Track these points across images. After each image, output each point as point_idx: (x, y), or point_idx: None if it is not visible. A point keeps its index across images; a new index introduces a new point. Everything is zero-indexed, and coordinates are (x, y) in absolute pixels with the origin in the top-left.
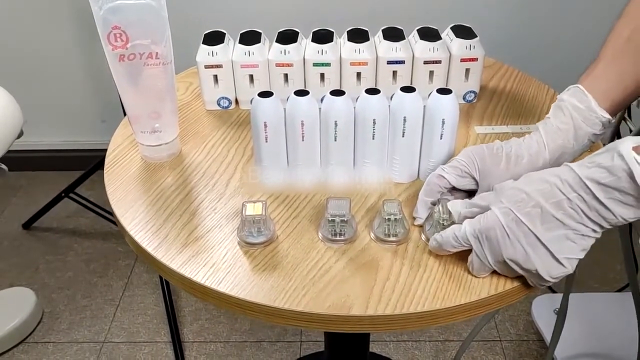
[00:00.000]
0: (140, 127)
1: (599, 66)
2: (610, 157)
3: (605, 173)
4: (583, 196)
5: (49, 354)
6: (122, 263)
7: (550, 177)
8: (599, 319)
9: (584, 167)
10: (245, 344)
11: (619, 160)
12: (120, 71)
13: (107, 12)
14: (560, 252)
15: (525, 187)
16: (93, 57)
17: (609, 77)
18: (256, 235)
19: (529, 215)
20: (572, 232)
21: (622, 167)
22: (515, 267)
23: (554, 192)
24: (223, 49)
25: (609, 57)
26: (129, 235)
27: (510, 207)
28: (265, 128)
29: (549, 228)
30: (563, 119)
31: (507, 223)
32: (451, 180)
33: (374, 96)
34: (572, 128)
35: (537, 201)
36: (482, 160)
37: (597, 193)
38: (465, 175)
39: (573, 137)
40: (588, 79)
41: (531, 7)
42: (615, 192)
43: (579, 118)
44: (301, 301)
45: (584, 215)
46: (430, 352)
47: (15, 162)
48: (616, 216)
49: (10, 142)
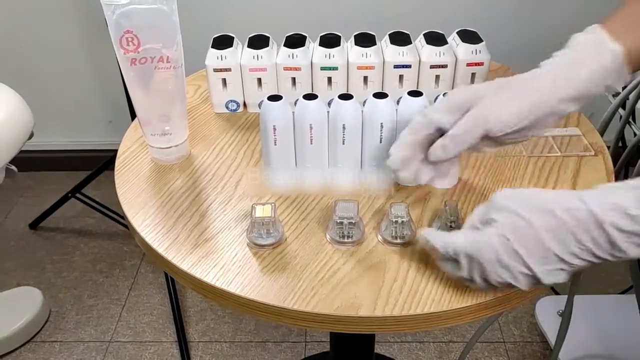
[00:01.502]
0: (151, 130)
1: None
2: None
3: (630, 221)
4: (596, 238)
5: (56, 353)
6: (128, 263)
7: (560, 212)
8: (604, 321)
9: (605, 207)
10: (250, 344)
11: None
12: (131, 75)
13: (119, 16)
14: (548, 279)
15: (528, 215)
16: (100, 59)
17: (626, 24)
18: (265, 236)
19: (527, 247)
20: (568, 266)
21: None
22: (500, 286)
23: (562, 230)
24: (232, 53)
25: (630, 6)
26: (139, 236)
27: (508, 236)
28: (274, 131)
29: (544, 262)
30: (569, 49)
31: (502, 252)
32: (437, 116)
33: (381, 100)
34: (578, 55)
35: (538, 235)
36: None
37: (616, 238)
38: (454, 110)
39: (579, 65)
40: (605, 22)
41: (537, 11)
42: (637, 238)
43: (588, 47)
44: (310, 302)
45: (591, 254)
46: (434, 353)
47: (22, 163)
48: (629, 255)
49: (21, 144)
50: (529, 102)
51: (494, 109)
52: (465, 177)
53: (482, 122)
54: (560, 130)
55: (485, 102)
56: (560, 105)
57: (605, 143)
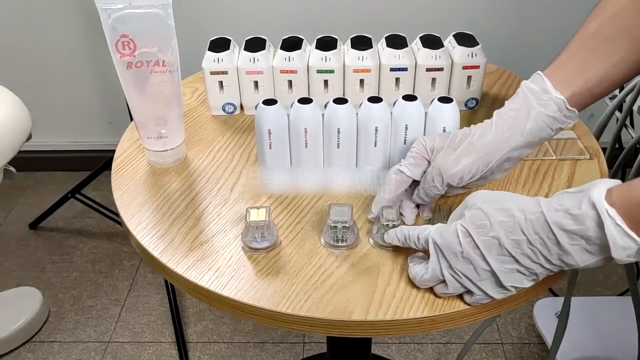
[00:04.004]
0: (147, 133)
1: (562, 56)
2: (581, 203)
3: (571, 220)
4: (545, 240)
5: (55, 353)
6: (127, 263)
7: (516, 212)
8: (601, 322)
9: (552, 208)
10: (248, 345)
11: (589, 208)
12: (127, 78)
13: (115, 20)
14: (507, 281)
15: (491, 213)
16: (100, 59)
17: (570, 67)
18: (260, 240)
19: (486, 243)
20: (525, 269)
21: (592, 217)
22: (467, 281)
23: (516, 230)
24: (228, 56)
25: (572, 48)
26: (135, 239)
27: (470, 231)
28: (269, 135)
29: (502, 260)
30: (516, 100)
31: (464, 243)
32: (408, 173)
33: (376, 104)
34: (525, 108)
35: (497, 233)
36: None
37: (561, 239)
38: (420, 163)
39: (525, 117)
40: (549, 67)
41: (533, 14)
42: (582, 240)
43: (532, 99)
44: (303, 306)
45: (542, 256)
46: (432, 354)
47: (23, 163)
48: (578, 262)
49: (19, 146)
50: (477, 158)
51: (447, 166)
52: None
53: (439, 175)
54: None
55: (439, 158)
56: (513, 153)
57: (602, 145)
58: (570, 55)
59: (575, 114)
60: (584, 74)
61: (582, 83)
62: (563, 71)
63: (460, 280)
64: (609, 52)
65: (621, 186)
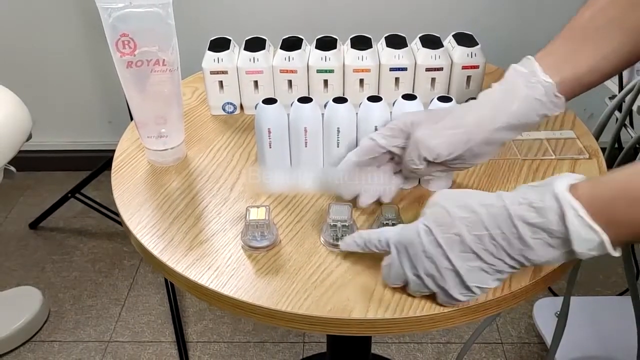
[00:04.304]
0: (147, 132)
1: (554, 43)
2: (544, 196)
3: (535, 213)
4: (507, 234)
5: (55, 352)
6: (127, 263)
7: (478, 207)
8: (601, 322)
9: (516, 201)
10: (248, 345)
11: (552, 201)
12: (127, 77)
13: (115, 19)
14: (471, 280)
15: (452, 210)
16: (100, 59)
17: (560, 55)
18: (259, 239)
19: (448, 240)
20: (488, 266)
21: (555, 210)
22: (430, 282)
23: (477, 225)
24: (228, 56)
25: (565, 35)
26: (135, 238)
27: (432, 228)
28: (269, 134)
29: (464, 258)
30: (503, 82)
31: (426, 242)
32: (378, 140)
33: (375, 103)
34: (512, 89)
35: (459, 229)
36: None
37: (523, 232)
38: (397, 135)
39: (512, 98)
40: (540, 52)
41: (533, 14)
42: (544, 233)
43: (520, 80)
44: (303, 304)
45: (504, 252)
46: (432, 354)
47: (23, 163)
48: (540, 257)
49: (20, 146)
50: (459, 133)
51: (425, 138)
52: (460, 179)
53: (416, 148)
54: (555, 132)
55: (420, 131)
56: (495, 134)
57: (601, 145)
58: (561, 43)
59: (562, 102)
60: (574, 62)
61: (572, 71)
62: (553, 57)
63: (424, 281)
64: (600, 42)
65: (587, 181)
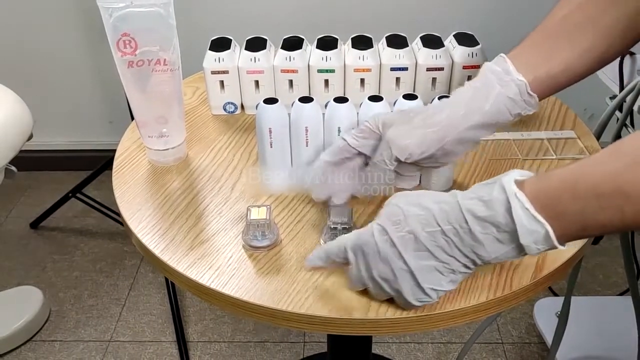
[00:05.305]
0: (148, 132)
1: (528, 41)
2: (492, 190)
3: (483, 206)
4: (458, 229)
5: (56, 352)
6: (128, 263)
7: (431, 204)
8: (601, 322)
9: (467, 197)
10: (249, 344)
11: (500, 193)
12: (128, 77)
13: (116, 19)
14: (425, 281)
15: (406, 208)
16: (101, 59)
17: (534, 53)
18: (260, 239)
19: (402, 239)
20: (442, 265)
21: (501, 202)
22: (386, 285)
23: (430, 221)
24: (229, 55)
25: (538, 35)
26: (136, 237)
27: (386, 227)
28: (270, 134)
29: (419, 257)
30: (476, 79)
31: (380, 242)
32: (349, 140)
33: (377, 103)
34: (485, 87)
35: (413, 227)
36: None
37: (473, 227)
38: (369, 136)
39: (485, 96)
40: (514, 50)
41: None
42: (493, 227)
43: (493, 78)
44: (304, 304)
45: (456, 248)
46: (432, 354)
47: (23, 162)
48: (489, 253)
49: (20, 146)
50: (431, 132)
51: (397, 138)
52: (460, 179)
53: (387, 148)
54: (556, 133)
55: (391, 131)
56: (468, 133)
57: (602, 145)
58: (535, 40)
59: (536, 101)
60: (548, 60)
61: (546, 69)
62: (527, 55)
63: (379, 283)
64: (576, 40)
65: (534, 176)
